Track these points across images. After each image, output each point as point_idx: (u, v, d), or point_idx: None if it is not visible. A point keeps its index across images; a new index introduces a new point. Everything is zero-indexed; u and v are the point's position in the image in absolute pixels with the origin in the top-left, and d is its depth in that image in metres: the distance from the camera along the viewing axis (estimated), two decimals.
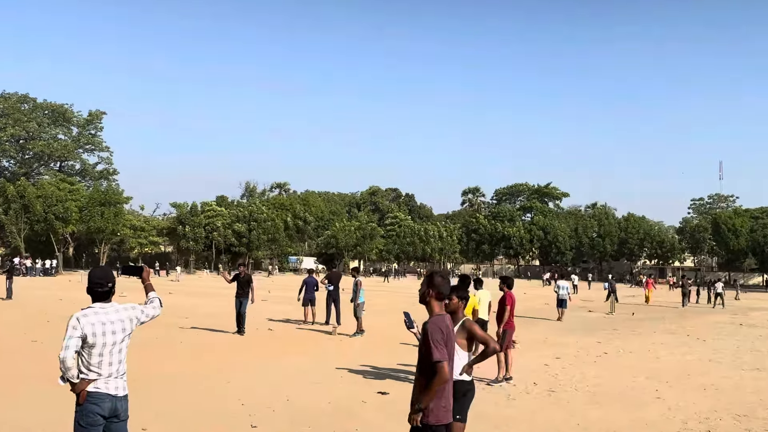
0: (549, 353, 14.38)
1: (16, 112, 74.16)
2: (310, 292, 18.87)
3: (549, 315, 25.06)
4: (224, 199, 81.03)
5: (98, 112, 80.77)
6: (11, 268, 27.20)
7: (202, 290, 36.13)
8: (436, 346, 4.06)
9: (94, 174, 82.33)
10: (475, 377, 10.61)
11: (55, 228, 56.14)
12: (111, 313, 4.30)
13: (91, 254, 67.05)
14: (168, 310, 19.74)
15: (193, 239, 68.20)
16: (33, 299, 25.52)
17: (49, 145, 75.00)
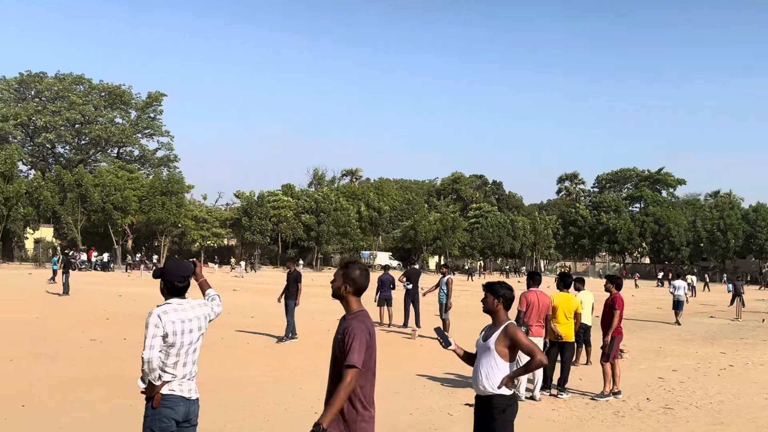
0: (664, 365, 13.92)
1: (72, 95, 78.06)
2: (386, 290, 18.94)
3: (663, 320, 24.23)
4: (291, 188, 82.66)
5: (158, 93, 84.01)
6: (67, 261, 28.70)
7: (268, 287, 37.01)
8: (359, 349, 3.86)
9: (153, 161, 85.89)
10: (578, 391, 10.46)
11: (113, 219, 58.82)
12: (188, 310, 4.45)
13: (151, 247, 69.89)
14: (233, 309, 20.36)
15: (258, 231, 69.93)
16: (90, 295, 26.88)
17: (107, 130, 78.73)
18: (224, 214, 78.77)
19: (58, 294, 25.78)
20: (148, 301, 23.68)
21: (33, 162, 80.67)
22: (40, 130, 77.86)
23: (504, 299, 5.16)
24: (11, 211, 51.61)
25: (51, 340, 14.15)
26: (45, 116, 75.96)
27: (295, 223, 72.29)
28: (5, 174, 52.03)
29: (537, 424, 8.55)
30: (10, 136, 76.26)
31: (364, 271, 4.20)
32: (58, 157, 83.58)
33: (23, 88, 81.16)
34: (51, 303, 22.72)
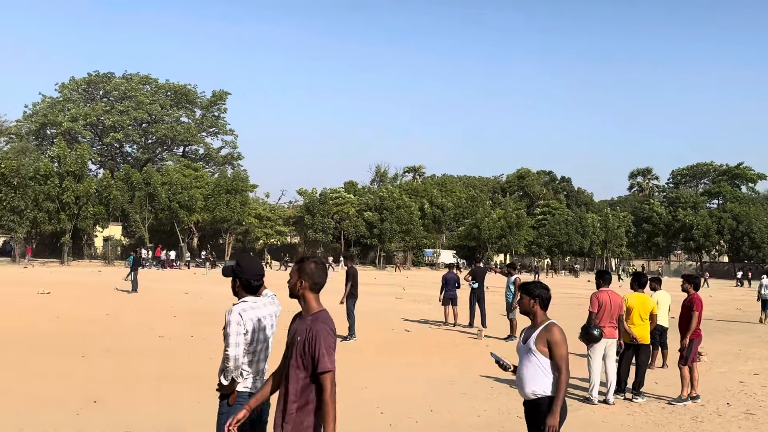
0: (745, 368, 13.47)
1: (139, 95, 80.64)
2: (450, 289, 18.92)
3: (743, 321, 23.41)
4: (353, 185, 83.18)
5: (222, 92, 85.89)
6: (136, 259, 29.64)
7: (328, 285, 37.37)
8: (329, 352, 3.76)
9: (218, 159, 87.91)
10: (654, 395, 10.21)
11: (179, 217, 60.50)
12: (262, 308, 4.60)
13: (216, 245, 71.54)
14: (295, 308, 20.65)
15: (321, 229, 70.72)
16: (158, 293, 27.70)
17: (173, 129, 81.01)
18: (287, 212, 79.88)
19: (127, 291, 26.67)
20: (214, 299, 24.29)
21: (102, 161, 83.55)
22: (109, 129, 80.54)
23: (540, 299, 5.07)
24: (81, 210, 53.63)
25: (121, 336, 14.66)
26: (113, 116, 78.54)
27: (357, 220, 72.76)
28: (76, 173, 54.06)
29: (611, 429, 8.38)
30: (80, 136, 79.23)
31: (321, 265, 4.07)
32: (125, 156, 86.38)
33: (92, 88, 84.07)
34: (120, 300, 23.52)
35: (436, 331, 17.64)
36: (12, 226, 51.50)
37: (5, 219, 51.15)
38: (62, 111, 78.25)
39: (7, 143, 76.83)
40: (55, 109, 77.97)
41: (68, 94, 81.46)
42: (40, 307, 19.88)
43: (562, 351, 4.83)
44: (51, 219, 52.81)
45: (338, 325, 14.51)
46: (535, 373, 4.87)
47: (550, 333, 4.87)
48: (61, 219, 52.80)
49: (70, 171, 53.72)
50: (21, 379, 9.87)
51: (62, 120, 75.90)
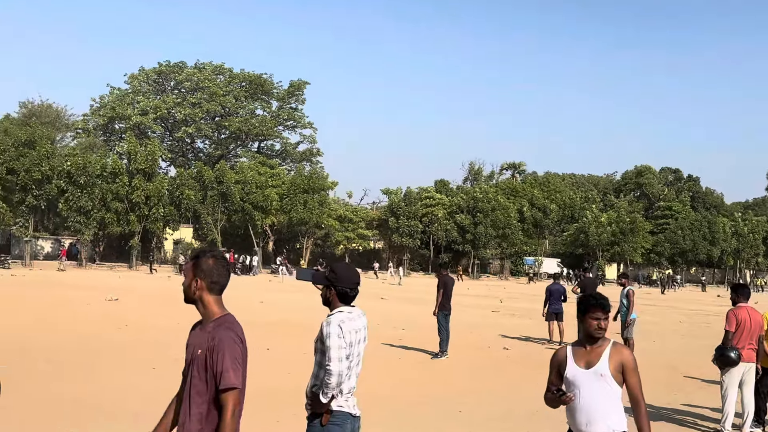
0: None
1: (212, 85, 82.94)
2: (556, 303, 18.65)
3: None
4: (445, 184, 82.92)
5: (300, 81, 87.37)
6: None
7: (419, 296, 37.37)
8: (234, 365, 3.43)
9: (295, 155, 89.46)
10: None
11: (253, 219, 61.85)
12: (356, 320, 4.64)
13: (293, 249, 72.76)
14: (381, 320, 20.76)
15: (407, 233, 70.86)
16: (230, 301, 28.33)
17: (247, 122, 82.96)
18: (370, 213, 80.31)
19: None
20: (291, 309, 24.73)
21: (172, 158, 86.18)
22: (180, 123, 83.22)
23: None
24: (152, 211, 55.59)
25: None
26: (184, 109, 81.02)
27: (448, 223, 72.51)
28: (146, 171, 56.17)
29: None
30: (149, 131, 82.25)
31: (221, 260, 3.73)
32: (197, 153, 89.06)
33: (162, 79, 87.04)
34: (191, 308, 24.16)
35: (539, 350, 17.37)
36: (78, 228, 53.95)
37: (71, 220, 53.64)
38: (131, 104, 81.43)
39: (73, 138, 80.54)
40: (124, 102, 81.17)
41: (138, 86, 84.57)
42: (109, 314, 20.75)
43: (638, 377, 4.52)
44: (119, 220, 55.04)
45: (428, 339, 14.49)
46: (611, 404, 4.49)
47: (622, 355, 4.51)
48: (130, 220, 54.90)
49: (139, 168, 55.89)
50: (94, 393, 10.30)
51: (131, 113, 79.04)
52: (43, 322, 18.00)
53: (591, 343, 4.59)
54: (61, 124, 78.89)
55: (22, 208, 52.80)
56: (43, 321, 18.32)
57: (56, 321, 18.59)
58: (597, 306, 4.55)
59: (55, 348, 13.95)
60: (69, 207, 53.11)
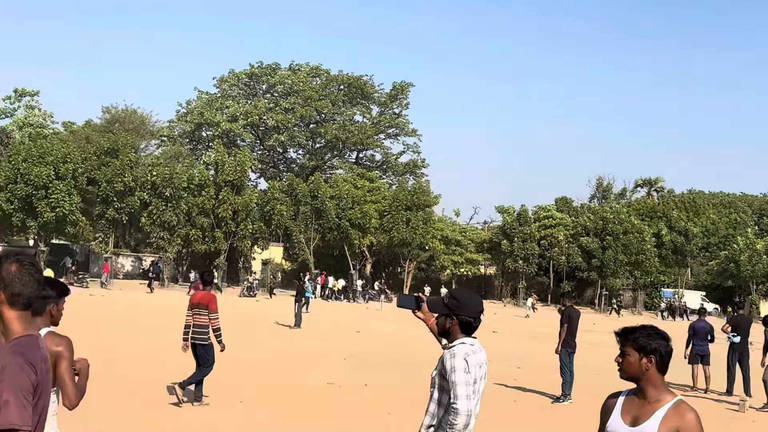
0: None
1: (307, 89, 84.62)
2: (701, 343, 18.14)
3: None
4: (567, 203, 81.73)
5: (403, 84, 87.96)
6: (300, 288, 30.94)
7: (537, 329, 36.86)
8: (17, 399, 2.90)
9: (397, 167, 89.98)
10: None
11: (350, 238, 62.41)
12: (478, 353, 4.68)
13: (392, 273, 73.05)
14: (494, 356, 20.55)
15: (522, 258, 70.15)
16: (325, 329, 28.82)
17: (345, 129, 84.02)
18: (481, 234, 79.96)
19: (289, 327, 27.99)
20: (391, 341, 24.85)
21: (262, 169, 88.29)
22: (271, 130, 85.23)
23: (658, 356, 3.99)
24: (239, 227, 56.92)
25: (282, 380, 15.39)
26: (277, 114, 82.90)
27: (570, 247, 71.33)
28: (234, 183, 57.59)
29: None
30: (239, 139, 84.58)
31: (28, 267, 3.23)
32: (289, 163, 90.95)
33: (254, 82, 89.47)
34: (281, 337, 24.76)
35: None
36: (162, 245, 55.63)
37: (154, 235, 55.33)
38: (220, 109, 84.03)
39: (157, 147, 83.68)
40: (213, 107, 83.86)
41: (227, 90, 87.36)
42: None
43: None
44: (204, 237, 56.60)
45: (548, 380, 14.30)
46: None
47: (684, 418, 3.95)
48: (216, 237, 56.37)
49: (227, 180, 57.34)
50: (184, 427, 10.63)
51: (220, 120, 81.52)
52: (117, 349, 18.69)
53: (642, 392, 4.10)
54: (146, 131, 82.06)
55: (102, 221, 54.83)
56: (118, 348, 19.03)
57: (132, 348, 19.27)
58: (625, 338, 4.09)
59: (132, 378, 14.45)
60: (152, 221, 54.85)
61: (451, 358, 4.50)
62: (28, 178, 50.29)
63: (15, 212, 50.53)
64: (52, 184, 50.50)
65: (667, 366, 4.05)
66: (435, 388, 4.61)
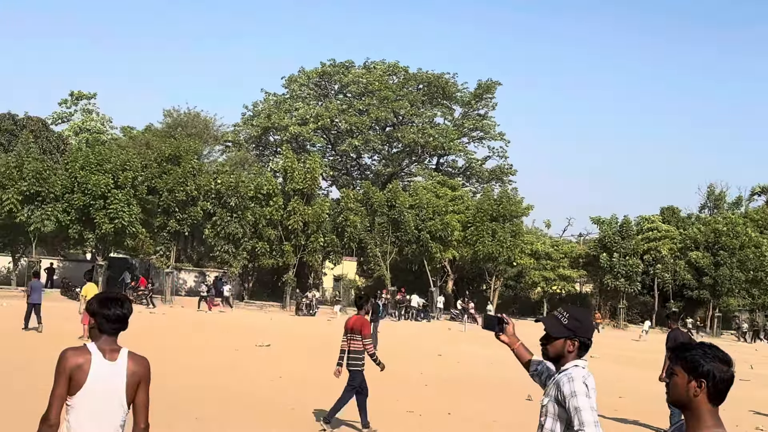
0: None
1: (383, 89, 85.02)
2: None
3: None
4: (674, 213, 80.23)
5: (490, 83, 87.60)
6: (375, 307, 31.07)
7: (638, 354, 36.33)
8: None
9: (482, 173, 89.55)
10: None
11: (430, 252, 62.26)
12: (591, 376, 4.72)
13: (476, 291, 72.60)
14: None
15: (624, 275, 69.09)
16: (402, 351, 28.89)
17: (424, 133, 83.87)
18: (576, 248, 78.98)
19: None
20: (476, 364, 24.79)
21: (334, 176, 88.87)
22: (344, 134, 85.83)
23: (711, 382, 3.54)
24: (309, 240, 57.23)
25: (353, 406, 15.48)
26: (350, 117, 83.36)
27: (677, 263, 69.96)
28: (304, 192, 57.98)
29: None
30: (309, 144, 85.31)
31: None
32: (363, 170, 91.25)
33: (325, 81, 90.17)
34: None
35: None
36: (226, 258, 56.24)
37: (218, 249, 55.91)
38: (289, 112, 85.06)
39: (222, 153, 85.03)
40: (281, 109, 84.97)
41: (296, 90, 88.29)
42: (260, 363, 21.80)
43: None
44: (272, 250, 57.13)
45: (652, 412, 14.15)
46: None
47: None
48: (284, 251, 56.81)
49: (297, 189, 57.78)
50: None
51: (289, 123, 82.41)
52: (187, 371, 19.12)
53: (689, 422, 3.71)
54: (209, 136, 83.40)
55: (163, 234, 55.40)
56: (187, 369, 19.46)
57: (201, 369, 19.69)
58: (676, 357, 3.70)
59: (201, 403, 14.78)
60: (216, 234, 55.36)
61: (570, 382, 4.52)
62: (86, 187, 50.87)
63: (72, 224, 51.27)
64: (111, 194, 51.05)
65: (722, 396, 3.60)
66: (548, 416, 4.62)
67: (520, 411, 15.92)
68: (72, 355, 4.72)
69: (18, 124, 69.66)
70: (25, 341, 23.34)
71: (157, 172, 54.76)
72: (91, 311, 4.91)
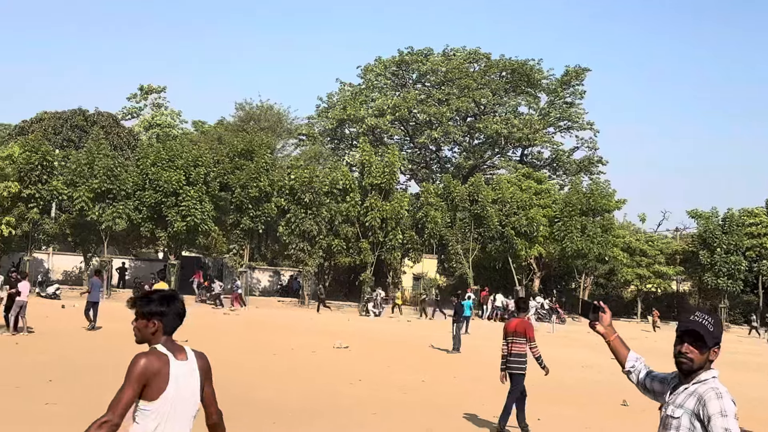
0: None
1: (464, 77, 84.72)
2: None
3: None
4: None
5: (578, 69, 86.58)
6: (459, 307, 30.93)
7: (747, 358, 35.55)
8: None
9: (570, 165, 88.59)
10: None
11: (515, 249, 61.83)
12: None
13: (565, 290, 71.84)
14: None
15: (726, 273, 67.64)
16: (488, 353, 28.75)
17: (508, 123, 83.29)
18: (672, 244, 77.66)
19: (447, 351, 28.14)
20: (568, 368, 24.53)
21: (413, 170, 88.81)
22: (423, 126, 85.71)
23: None
24: (387, 237, 57.14)
25: (441, 413, 15.48)
26: (429, 107, 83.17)
27: None
28: (382, 187, 57.89)
29: None
30: (386, 136, 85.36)
31: None
32: (443, 163, 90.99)
33: (402, 71, 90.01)
34: (439, 362, 24.93)
35: None
36: (301, 257, 56.48)
37: (293, 247, 56.08)
38: (365, 102, 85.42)
39: (295, 147, 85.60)
40: (356, 100, 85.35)
41: (373, 80, 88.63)
42: (339, 365, 21.93)
43: None
44: (349, 248, 57.26)
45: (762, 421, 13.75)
46: None
47: None
48: (362, 248, 56.87)
49: (374, 183, 57.79)
50: None
51: (365, 114, 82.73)
52: (264, 373, 19.35)
53: None
54: (282, 130, 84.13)
55: (236, 231, 56.04)
56: (264, 372, 19.69)
57: (279, 372, 19.89)
58: None
59: (280, 406, 14.92)
60: (290, 231, 55.58)
61: (719, 399, 4.31)
62: (157, 183, 51.76)
63: (144, 221, 52.26)
64: (183, 190, 51.74)
65: None
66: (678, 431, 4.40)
67: (614, 417, 15.77)
68: (149, 360, 4.72)
69: (88, 120, 71.11)
70: (95, 341, 23.78)
71: (230, 167, 55.34)
72: (150, 312, 4.90)
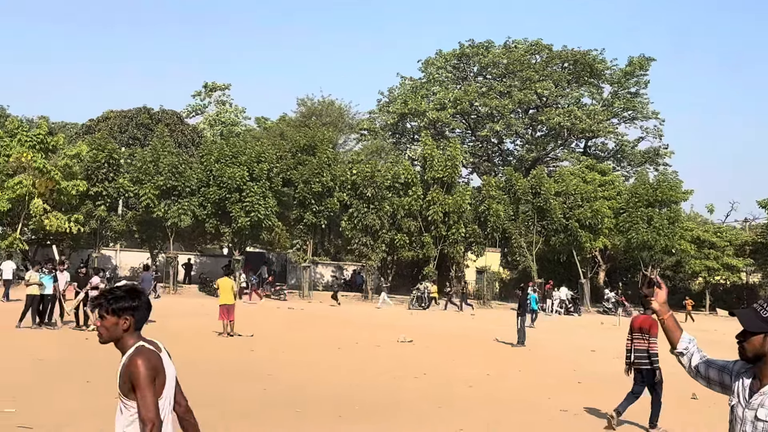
0: None
1: (525, 69, 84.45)
2: None
3: None
4: None
5: (642, 59, 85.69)
6: (524, 300, 30.82)
7: None
8: None
9: (634, 156, 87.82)
10: None
11: (580, 241, 61.42)
12: None
13: (631, 283, 71.23)
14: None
15: None
16: (553, 347, 28.76)
17: (571, 115, 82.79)
18: (741, 235, 76.52)
19: (512, 344, 28.18)
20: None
21: (474, 163, 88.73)
22: (484, 119, 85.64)
23: None
24: (450, 230, 57.19)
25: (507, 407, 15.56)
26: (491, 100, 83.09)
27: None
28: (444, 180, 57.97)
29: None
30: (448, 129, 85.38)
31: None
32: (505, 156, 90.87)
33: (463, 63, 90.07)
34: (503, 356, 24.98)
35: None
36: (364, 252, 56.72)
37: (356, 241, 56.35)
38: (426, 96, 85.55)
39: (357, 142, 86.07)
40: (418, 94, 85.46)
41: (434, 74, 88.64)
42: (403, 359, 22.13)
43: None
44: (412, 242, 57.36)
45: None
46: None
47: None
48: (424, 242, 57.01)
49: (436, 177, 57.87)
50: None
51: (426, 108, 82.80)
52: (330, 368, 19.62)
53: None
54: (344, 125, 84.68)
55: (299, 227, 56.33)
56: (330, 366, 19.96)
57: (344, 366, 20.14)
58: None
59: (346, 400, 15.14)
60: (353, 226, 55.88)
61: None
62: (221, 180, 52.36)
63: (208, 218, 52.93)
64: (246, 186, 52.30)
65: None
66: None
67: (682, 411, 15.67)
68: (153, 356, 4.89)
69: (153, 118, 72.37)
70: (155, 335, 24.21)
71: (292, 163, 55.60)
72: (121, 308, 4.95)
